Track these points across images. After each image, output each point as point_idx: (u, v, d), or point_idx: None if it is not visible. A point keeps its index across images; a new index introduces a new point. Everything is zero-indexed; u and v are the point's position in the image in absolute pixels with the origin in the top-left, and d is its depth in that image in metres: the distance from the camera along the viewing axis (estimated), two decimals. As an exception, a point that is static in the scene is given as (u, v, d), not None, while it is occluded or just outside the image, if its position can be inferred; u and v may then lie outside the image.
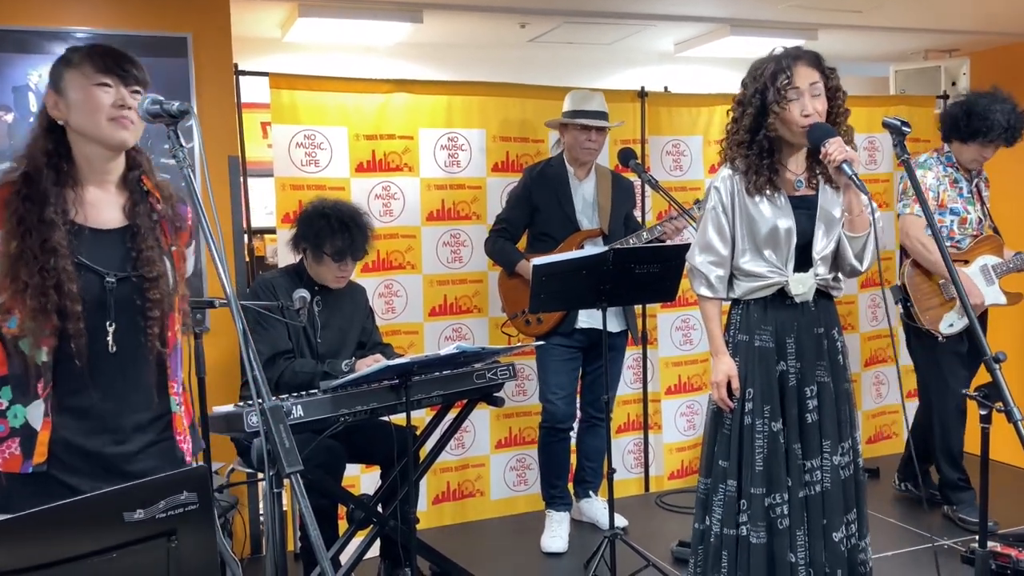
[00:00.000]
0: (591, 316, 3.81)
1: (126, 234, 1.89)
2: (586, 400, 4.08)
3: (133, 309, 1.86)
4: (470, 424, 4.20)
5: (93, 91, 1.82)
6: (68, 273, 1.77)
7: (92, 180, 1.89)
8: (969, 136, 3.86)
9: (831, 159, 2.44)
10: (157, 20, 3.67)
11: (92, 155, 1.87)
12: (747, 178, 2.60)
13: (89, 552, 1.30)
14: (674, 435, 4.73)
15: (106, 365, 1.85)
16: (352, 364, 3.14)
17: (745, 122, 2.58)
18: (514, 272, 3.88)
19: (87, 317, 1.80)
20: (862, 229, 2.57)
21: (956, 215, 3.93)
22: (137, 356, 1.88)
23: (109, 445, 1.85)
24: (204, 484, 1.40)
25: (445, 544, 3.54)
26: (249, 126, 4.06)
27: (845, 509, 2.64)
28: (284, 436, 1.56)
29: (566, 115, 3.88)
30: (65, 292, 1.76)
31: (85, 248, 1.83)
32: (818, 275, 2.63)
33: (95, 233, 1.86)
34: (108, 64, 1.84)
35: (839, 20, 4.67)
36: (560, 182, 3.90)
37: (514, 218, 3.94)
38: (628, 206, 4.05)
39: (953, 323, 3.87)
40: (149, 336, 1.86)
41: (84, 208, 1.86)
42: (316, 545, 1.53)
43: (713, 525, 2.66)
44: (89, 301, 1.81)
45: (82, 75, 1.83)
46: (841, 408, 2.66)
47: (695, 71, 5.66)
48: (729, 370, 2.62)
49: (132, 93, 1.85)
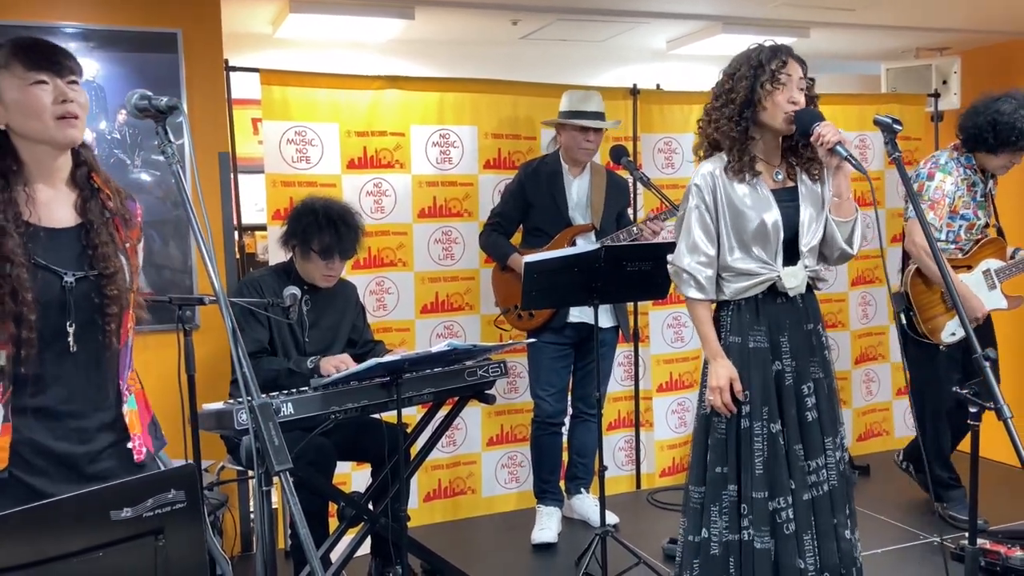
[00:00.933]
0: (583, 311, 3.82)
1: (80, 232, 1.86)
2: (577, 396, 4.09)
3: (92, 307, 1.84)
4: (461, 421, 4.20)
5: (31, 91, 1.77)
6: (23, 281, 1.74)
7: (41, 179, 1.85)
8: (999, 147, 3.77)
9: (825, 140, 2.42)
10: (147, 16, 3.65)
11: (40, 155, 1.84)
12: (729, 162, 2.56)
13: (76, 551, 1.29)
14: (665, 432, 4.73)
15: (67, 365, 1.83)
16: (317, 362, 3.10)
17: (728, 110, 2.54)
18: (506, 266, 3.90)
19: (47, 318, 1.78)
20: (850, 213, 2.57)
21: (966, 220, 3.87)
22: (97, 355, 1.86)
23: (75, 445, 1.84)
24: (192, 482, 1.40)
25: (436, 541, 3.54)
26: (240, 122, 4.05)
27: (845, 504, 2.63)
28: (273, 434, 1.56)
29: (564, 115, 3.88)
30: (20, 300, 1.73)
31: (41, 248, 1.80)
32: (808, 267, 2.61)
33: (50, 232, 1.84)
34: (38, 60, 1.79)
35: (831, 18, 4.67)
36: (554, 178, 3.90)
37: (508, 212, 3.96)
38: (621, 204, 4.06)
39: (955, 332, 3.85)
40: (107, 333, 1.85)
41: (37, 208, 1.83)
42: (305, 543, 1.53)
43: (713, 535, 2.57)
44: (48, 302, 1.79)
45: (14, 76, 1.78)
46: (833, 403, 2.65)
47: (687, 69, 5.66)
48: (730, 373, 2.55)
49: (69, 84, 1.81)
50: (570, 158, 3.91)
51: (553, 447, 4.00)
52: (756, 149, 2.59)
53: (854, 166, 2.40)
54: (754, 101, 2.51)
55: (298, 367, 3.11)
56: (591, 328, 3.60)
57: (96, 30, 3.56)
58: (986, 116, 3.75)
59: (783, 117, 2.51)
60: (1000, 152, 3.79)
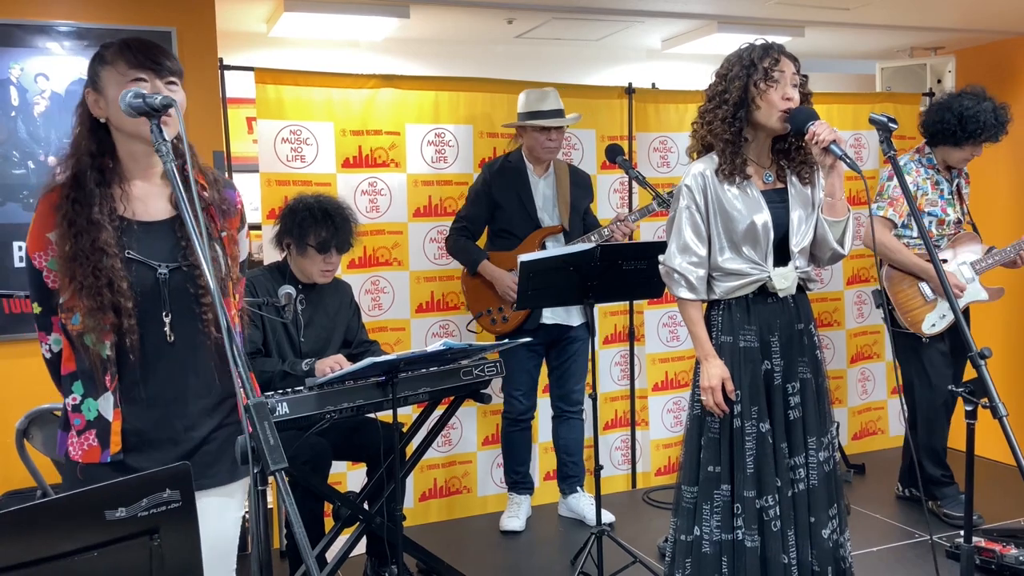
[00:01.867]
0: (555, 313, 3.89)
1: (175, 224, 1.92)
2: (556, 395, 4.12)
3: (187, 298, 1.90)
4: (456, 421, 4.20)
5: (129, 87, 1.83)
6: (117, 271, 1.81)
7: (137, 174, 1.92)
8: (964, 139, 3.90)
9: (820, 139, 2.42)
10: (141, 14, 3.64)
11: (135, 150, 1.90)
12: (721, 164, 2.55)
13: (70, 551, 1.28)
14: (661, 431, 4.73)
15: (166, 354, 1.89)
16: (312, 363, 3.10)
17: (722, 111, 2.53)
18: (476, 272, 3.90)
19: (144, 309, 1.86)
20: (842, 213, 2.57)
21: (934, 217, 3.97)
22: (195, 343, 1.92)
23: (180, 432, 1.91)
24: (187, 481, 1.39)
25: (432, 541, 3.54)
26: (234, 121, 4.04)
27: (828, 504, 2.63)
28: (269, 433, 1.55)
29: (523, 116, 3.87)
30: (116, 289, 1.81)
31: (135, 242, 1.87)
32: (798, 268, 2.61)
33: (144, 226, 1.90)
34: (141, 59, 1.86)
35: (826, 17, 4.68)
36: (520, 179, 3.90)
37: (474, 216, 3.94)
38: (586, 201, 4.08)
39: (935, 323, 3.90)
40: (205, 323, 1.90)
41: (131, 203, 1.90)
42: (300, 543, 1.52)
43: (705, 534, 2.58)
44: (144, 294, 1.86)
45: (117, 72, 1.86)
46: (821, 403, 2.65)
47: (682, 68, 5.66)
48: (722, 373, 2.55)
49: (168, 85, 1.88)
50: (534, 158, 3.91)
51: (523, 441, 4.12)
52: (748, 150, 2.58)
53: (848, 165, 2.40)
54: (748, 101, 2.51)
55: (293, 369, 3.10)
56: (562, 328, 3.85)
57: (90, 28, 3.55)
58: (952, 112, 3.91)
59: (777, 116, 2.50)
60: (964, 145, 3.93)
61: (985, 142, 3.94)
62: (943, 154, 4.01)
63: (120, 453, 1.86)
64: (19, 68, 3.49)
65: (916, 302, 3.94)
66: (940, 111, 3.96)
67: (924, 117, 4.06)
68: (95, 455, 1.86)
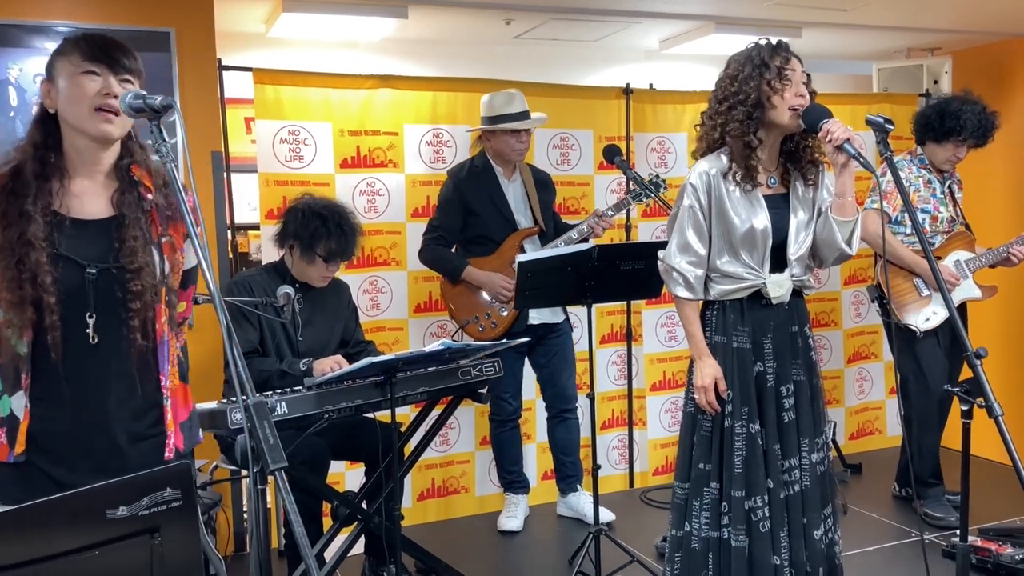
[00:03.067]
0: (540, 313, 3.90)
1: (111, 224, 1.87)
2: (550, 395, 4.12)
3: (114, 300, 1.83)
4: (454, 421, 4.20)
5: (79, 79, 1.80)
6: (42, 266, 1.75)
7: (80, 170, 1.87)
8: (943, 136, 3.94)
9: (834, 137, 2.41)
10: (140, 15, 3.65)
11: (80, 145, 1.85)
12: (733, 167, 2.54)
13: (71, 549, 1.29)
14: (659, 431, 4.74)
15: (88, 356, 1.83)
16: (310, 363, 3.10)
17: (738, 112, 2.50)
18: (459, 279, 3.86)
19: (67, 308, 1.79)
20: (852, 213, 2.55)
21: (927, 214, 3.99)
22: (120, 348, 1.85)
23: (96, 436, 1.84)
24: (188, 481, 1.39)
25: (430, 540, 3.54)
26: (233, 121, 4.04)
27: (821, 505, 2.64)
28: (268, 433, 1.55)
29: (490, 120, 3.85)
30: (39, 284, 1.75)
31: (66, 239, 1.81)
32: (794, 276, 2.61)
33: (77, 224, 1.84)
34: (96, 52, 1.82)
35: (823, 18, 4.69)
36: (491, 183, 3.89)
37: (448, 224, 3.89)
38: (551, 198, 4.08)
39: (929, 317, 3.92)
40: (131, 328, 1.83)
41: (68, 199, 1.84)
42: (301, 542, 1.53)
43: (694, 531, 2.60)
44: (69, 292, 1.79)
45: (70, 63, 1.82)
46: (815, 405, 2.66)
47: (680, 68, 5.67)
48: (715, 372, 2.56)
49: (121, 82, 1.83)
50: (503, 161, 3.90)
51: (512, 441, 4.12)
52: (761, 152, 2.56)
53: (862, 164, 2.38)
54: (762, 100, 2.49)
55: (291, 369, 3.10)
56: (546, 328, 3.90)
57: (89, 29, 3.51)
58: (936, 107, 3.99)
59: (790, 114, 2.49)
60: (944, 142, 3.96)
61: (968, 144, 3.95)
62: (929, 154, 4.04)
63: (23, 455, 1.79)
64: (18, 68, 3.49)
65: (910, 296, 3.95)
66: (926, 108, 4.06)
67: (913, 116, 4.12)
68: (3, 454, 1.80)
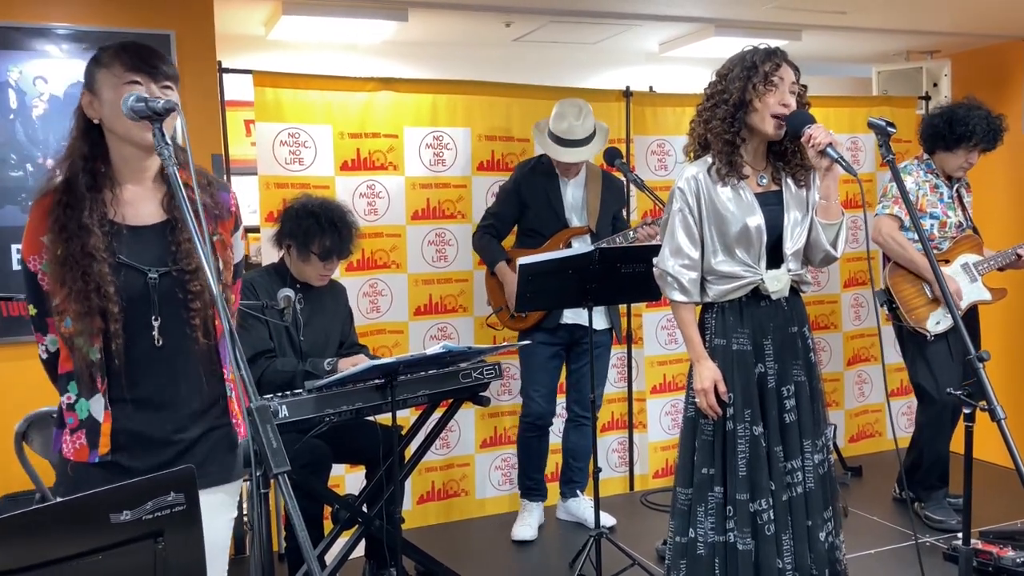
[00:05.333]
0: (576, 313, 3.83)
1: (165, 228, 1.93)
2: (572, 398, 4.09)
3: (176, 302, 1.90)
4: (455, 423, 4.20)
5: (123, 90, 1.83)
6: (105, 276, 1.82)
7: (129, 178, 1.92)
8: (955, 143, 3.93)
9: (816, 142, 2.43)
10: (140, 17, 3.64)
11: (127, 154, 1.90)
12: (716, 166, 2.57)
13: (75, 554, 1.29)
14: (659, 434, 4.74)
15: (155, 358, 1.90)
16: (335, 363, 3.12)
17: (720, 111, 2.54)
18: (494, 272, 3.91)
19: (133, 313, 1.86)
20: (836, 216, 2.58)
21: (936, 219, 3.98)
22: (184, 348, 1.92)
23: (171, 433, 1.92)
24: (191, 485, 1.39)
25: (430, 544, 3.54)
26: (233, 124, 4.05)
27: (824, 507, 2.64)
28: (271, 436, 1.55)
29: (548, 133, 3.85)
30: (104, 294, 1.82)
31: (125, 247, 1.87)
32: (791, 271, 2.62)
33: (134, 231, 1.90)
34: (136, 62, 1.86)
35: (823, 21, 4.69)
36: (550, 180, 3.91)
37: (503, 213, 3.95)
38: (617, 206, 4.07)
39: (940, 321, 3.91)
40: (194, 327, 1.90)
41: (122, 207, 1.90)
42: (304, 545, 1.52)
43: (699, 536, 2.59)
44: (133, 298, 1.86)
45: (112, 75, 1.85)
46: (815, 405, 2.66)
47: (680, 71, 5.68)
48: (715, 375, 2.56)
49: (163, 89, 1.88)
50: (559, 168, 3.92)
51: (540, 448, 4.03)
52: (744, 152, 2.59)
53: (844, 168, 2.41)
54: (745, 102, 2.52)
55: (315, 368, 3.12)
56: (583, 329, 3.66)
57: (89, 31, 3.55)
58: (943, 116, 3.98)
59: (772, 121, 2.51)
60: (955, 149, 3.95)
61: (979, 149, 3.95)
62: (940, 162, 4.03)
63: (108, 454, 1.88)
64: (18, 71, 3.48)
65: (920, 300, 3.94)
66: (932, 117, 4.04)
67: (920, 126, 4.11)
68: (84, 454, 1.88)
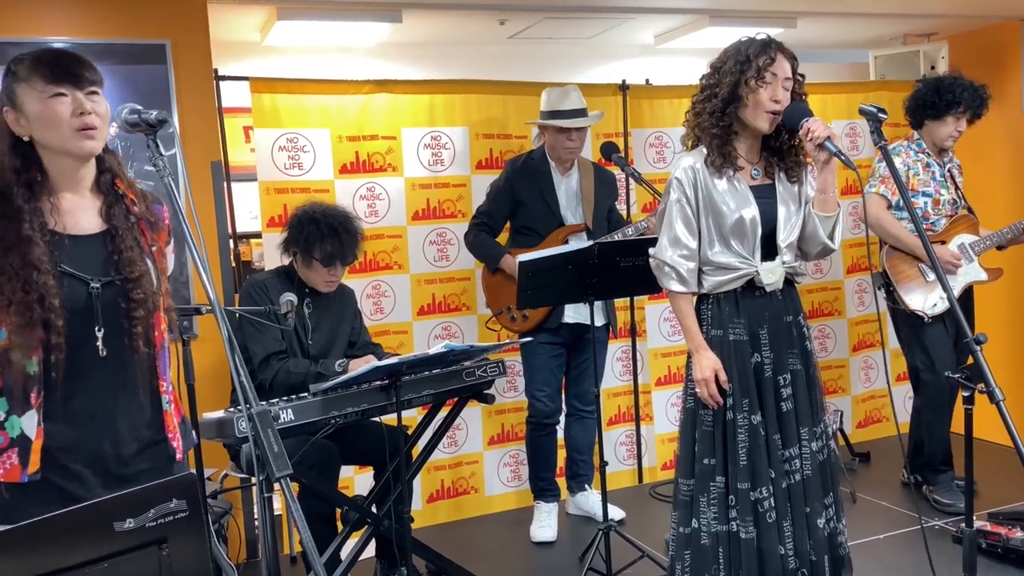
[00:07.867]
0: (577, 311, 3.84)
1: (106, 238, 1.90)
2: (572, 394, 4.10)
3: (119, 312, 1.86)
4: (462, 422, 4.21)
5: (49, 104, 1.79)
6: (50, 287, 1.77)
7: (66, 188, 1.88)
8: (943, 110, 3.94)
9: (814, 136, 2.44)
10: (135, 28, 3.66)
11: (63, 165, 1.87)
12: (711, 157, 2.57)
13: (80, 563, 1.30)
14: (665, 426, 4.75)
15: (97, 370, 1.86)
16: (346, 364, 3.14)
17: (711, 105, 2.55)
18: (497, 268, 3.89)
19: (76, 324, 1.81)
20: (833, 209, 2.59)
21: (929, 197, 3.99)
22: (126, 358, 1.88)
23: (108, 449, 1.87)
24: (193, 491, 1.41)
25: (441, 542, 3.56)
26: (231, 131, 4.06)
27: (823, 493, 2.65)
28: (272, 440, 1.57)
29: (544, 115, 3.86)
30: (48, 306, 1.77)
31: (67, 256, 1.84)
32: (785, 263, 2.63)
33: (75, 240, 1.86)
34: (57, 72, 1.81)
35: (818, 7, 4.68)
36: (543, 176, 3.90)
37: (495, 211, 3.93)
38: (611, 200, 4.07)
39: (936, 303, 3.91)
40: (136, 337, 1.87)
41: (62, 216, 1.86)
42: (308, 547, 1.54)
43: (703, 526, 2.61)
44: (76, 309, 1.82)
45: (35, 89, 1.80)
46: (812, 394, 2.67)
47: (676, 63, 5.67)
48: (714, 364, 2.57)
49: (89, 96, 1.83)
50: (556, 157, 3.91)
51: (549, 446, 4.03)
52: (738, 144, 2.60)
53: (843, 162, 2.42)
54: (738, 96, 2.52)
55: (326, 370, 3.14)
56: (585, 328, 3.69)
57: (85, 44, 3.56)
58: (928, 85, 4.00)
59: (764, 117, 2.52)
60: (945, 116, 3.96)
61: (967, 117, 3.96)
62: (930, 134, 4.02)
63: (38, 473, 1.81)
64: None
65: (916, 282, 3.94)
66: (918, 89, 4.06)
67: (906, 102, 4.12)
68: (15, 474, 1.81)
